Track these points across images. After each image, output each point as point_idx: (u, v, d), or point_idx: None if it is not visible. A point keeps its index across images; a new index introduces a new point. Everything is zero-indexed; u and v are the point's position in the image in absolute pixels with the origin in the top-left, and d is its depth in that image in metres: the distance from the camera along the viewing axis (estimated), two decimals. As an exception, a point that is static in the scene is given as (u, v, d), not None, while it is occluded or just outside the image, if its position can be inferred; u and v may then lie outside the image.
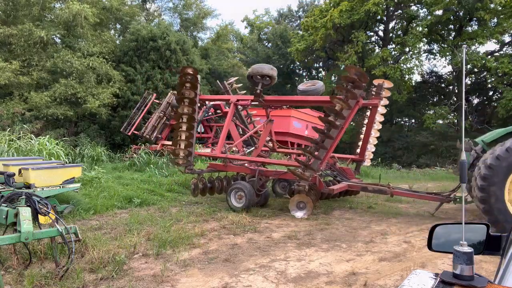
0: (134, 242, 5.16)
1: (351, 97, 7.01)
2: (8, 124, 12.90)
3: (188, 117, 8.16)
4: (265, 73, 8.39)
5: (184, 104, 8.18)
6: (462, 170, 1.55)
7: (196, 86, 8.22)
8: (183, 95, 8.16)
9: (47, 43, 16.54)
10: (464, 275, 1.23)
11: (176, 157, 8.28)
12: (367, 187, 8.20)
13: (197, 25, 27.79)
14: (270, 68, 8.45)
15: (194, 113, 8.28)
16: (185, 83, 8.14)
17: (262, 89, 8.55)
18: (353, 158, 10.12)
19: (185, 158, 8.22)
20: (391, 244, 5.72)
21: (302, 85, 9.53)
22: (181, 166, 8.46)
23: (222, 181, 9.02)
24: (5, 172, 5.51)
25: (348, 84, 7.02)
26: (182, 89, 8.18)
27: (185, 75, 8.14)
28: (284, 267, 4.56)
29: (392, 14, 25.36)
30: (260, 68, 8.46)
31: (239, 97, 9.54)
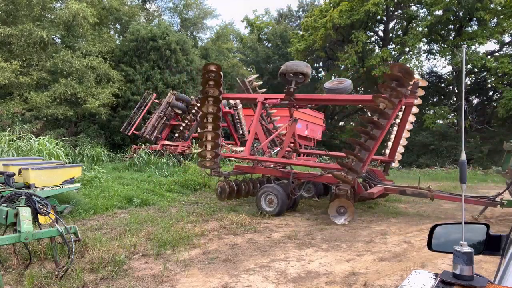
0: (134, 242, 5.16)
1: (395, 95, 6.73)
2: (8, 124, 12.90)
3: (214, 117, 7.81)
4: (300, 71, 7.95)
5: (208, 103, 7.81)
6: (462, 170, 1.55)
7: (220, 83, 7.88)
8: (207, 93, 7.80)
9: (47, 43, 16.54)
10: (464, 275, 1.23)
11: (203, 159, 7.93)
12: (405, 190, 7.69)
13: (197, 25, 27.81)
14: (305, 66, 8.04)
15: (219, 112, 7.92)
16: (209, 81, 7.78)
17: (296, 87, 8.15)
18: (383, 159, 9.77)
19: (212, 160, 7.89)
20: (391, 244, 5.72)
21: (329, 83, 9.19)
22: (208, 168, 8.11)
23: (248, 183, 8.56)
24: (5, 172, 5.51)
25: (392, 82, 6.76)
26: (205, 87, 7.82)
27: (208, 72, 7.80)
28: (284, 267, 4.56)
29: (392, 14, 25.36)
30: (295, 66, 8.03)
31: (267, 95, 9.08)
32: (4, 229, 4.50)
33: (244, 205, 8.51)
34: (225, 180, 8.23)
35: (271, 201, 7.59)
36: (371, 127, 6.84)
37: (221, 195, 8.10)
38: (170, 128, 16.77)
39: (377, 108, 6.77)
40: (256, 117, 8.79)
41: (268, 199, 7.62)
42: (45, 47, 16.58)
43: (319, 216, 7.67)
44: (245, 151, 8.55)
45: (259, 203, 7.68)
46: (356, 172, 6.91)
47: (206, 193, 9.99)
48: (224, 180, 8.24)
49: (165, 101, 16.02)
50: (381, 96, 6.76)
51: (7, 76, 14.51)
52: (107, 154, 14.52)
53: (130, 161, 13.42)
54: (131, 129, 15.81)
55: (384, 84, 6.93)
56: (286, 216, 7.57)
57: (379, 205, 9.18)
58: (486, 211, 8.33)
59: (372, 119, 6.79)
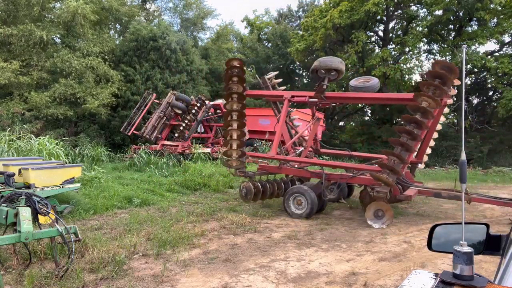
0: (134, 242, 5.17)
1: (438, 94, 6.50)
2: (8, 124, 12.90)
3: (238, 114, 7.59)
4: (335, 67, 7.59)
5: (232, 100, 7.60)
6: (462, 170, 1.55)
7: (244, 79, 7.68)
8: (231, 90, 7.58)
9: (47, 43, 16.54)
10: (464, 275, 1.23)
11: (229, 159, 7.73)
12: (440, 193, 7.34)
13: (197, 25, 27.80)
14: (340, 62, 7.72)
15: (244, 109, 7.69)
16: (232, 77, 7.57)
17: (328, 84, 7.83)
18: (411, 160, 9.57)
19: (238, 159, 7.70)
20: (391, 244, 5.72)
21: (355, 81, 8.83)
22: (234, 168, 7.91)
23: (273, 184, 8.27)
24: (5, 172, 5.51)
25: (435, 79, 6.57)
26: (229, 84, 7.61)
27: (231, 68, 7.57)
28: (284, 267, 4.56)
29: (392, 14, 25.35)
30: (330, 62, 7.67)
31: (294, 93, 8.75)
32: (4, 229, 4.50)
33: (244, 205, 8.51)
34: (251, 180, 7.95)
35: (299, 203, 7.32)
36: (414, 127, 6.61)
37: (246, 196, 7.83)
38: (170, 128, 16.77)
39: (420, 107, 6.52)
40: (282, 115, 8.45)
41: (297, 201, 7.35)
42: (45, 47, 16.58)
43: (319, 216, 7.67)
44: (272, 151, 8.20)
45: (286, 205, 7.41)
46: (398, 173, 6.70)
47: (206, 193, 9.99)
48: (249, 180, 7.96)
49: (165, 101, 16.03)
50: (425, 95, 6.52)
51: (7, 76, 14.51)
52: (107, 154, 14.51)
53: (130, 161, 13.42)
54: (131, 129, 15.82)
55: (428, 82, 6.69)
56: (286, 216, 7.57)
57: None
58: (486, 211, 8.34)
59: (415, 119, 6.54)
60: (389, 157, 6.83)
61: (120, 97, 18.37)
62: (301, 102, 8.52)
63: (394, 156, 6.72)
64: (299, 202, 7.32)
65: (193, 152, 14.58)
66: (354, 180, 7.65)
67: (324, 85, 7.74)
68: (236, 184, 10.99)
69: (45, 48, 16.66)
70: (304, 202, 7.24)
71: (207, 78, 24.12)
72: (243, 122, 7.68)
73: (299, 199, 7.34)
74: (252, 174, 8.23)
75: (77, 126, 17.78)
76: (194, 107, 15.88)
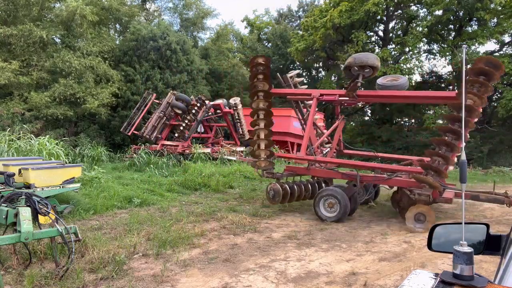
0: (134, 242, 5.17)
1: (483, 91, 6.30)
2: (8, 124, 12.89)
3: (266, 113, 7.37)
4: (371, 64, 7.20)
5: (258, 98, 7.39)
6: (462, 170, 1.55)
7: (269, 77, 7.51)
8: (256, 88, 7.38)
9: (47, 43, 16.53)
10: (464, 275, 1.23)
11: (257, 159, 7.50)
12: (478, 195, 6.96)
13: (197, 25, 27.78)
14: (375, 58, 7.41)
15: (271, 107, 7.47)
16: (257, 75, 7.39)
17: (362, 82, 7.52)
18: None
19: (267, 159, 7.47)
20: (391, 244, 5.72)
21: (382, 79, 8.56)
22: (263, 168, 7.64)
23: (300, 186, 7.98)
24: (5, 172, 5.50)
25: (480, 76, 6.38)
26: (254, 82, 7.42)
27: (256, 66, 7.39)
28: (284, 267, 4.56)
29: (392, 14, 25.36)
30: (365, 58, 7.34)
31: (323, 91, 8.40)
32: (4, 229, 4.50)
33: (244, 205, 8.51)
34: (278, 182, 7.67)
35: (331, 206, 7.07)
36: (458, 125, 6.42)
37: (274, 199, 7.56)
38: (170, 128, 16.77)
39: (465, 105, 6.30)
40: (311, 115, 8.10)
41: (328, 203, 7.09)
42: (44, 47, 16.57)
43: (319, 216, 7.66)
44: (301, 151, 7.89)
45: (317, 208, 7.16)
46: (442, 174, 6.44)
47: (206, 193, 9.98)
48: (277, 181, 7.68)
49: (165, 101, 16.02)
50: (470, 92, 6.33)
51: (7, 76, 14.50)
52: (107, 154, 14.51)
53: (130, 161, 13.42)
54: (131, 129, 15.81)
55: (472, 79, 6.49)
56: (286, 216, 7.57)
57: (379, 205, 9.17)
58: (486, 211, 8.33)
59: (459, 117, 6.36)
60: (433, 158, 6.53)
61: (120, 97, 18.36)
62: (330, 100, 8.16)
63: (439, 156, 6.45)
64: (331, 205, 7.08)
65: (193, 152, 14.58)
66: (389, 182, 7.32)
67: (358, 83, 7.38)
68: (236, 184, 11.00)
69: (45, 48, 16.66)
70: (336, 205, 6.99)
71: (207, 78, 24.13)
72: (270, 121, 7.45)
73: (330, 201, 7.08)
74: (280, 175, 7.95)
75: (77, 126, 17.78)
76: (194, 107, 15.88)
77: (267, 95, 7.42)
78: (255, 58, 7.54)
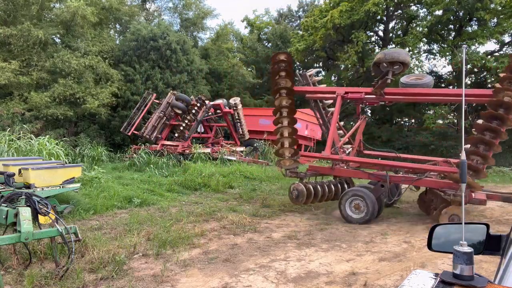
0: (134, 242, 5.17)
1: None
2: (8, 124, 12.89)
3: (289, 110, 7.22)
4: (402, 60, 6.94)
5: (281, 96, 7.25)
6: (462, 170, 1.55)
7: (292, 73, 7.36)
8: (279, 85, 7.25)
9: (46, 43, 16.53)
10: (464, 275, 1.23)
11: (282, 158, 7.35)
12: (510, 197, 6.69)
13: (197, 25, 27.77)
14: (406, 54, 7.17)
15: (293, 104, 7.32)
16: (279, 72, 7.25)
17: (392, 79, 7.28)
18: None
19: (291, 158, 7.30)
20: (391, 244, 5.72)
21: (406, 77, 8.35)
22: (287, 168, 7.48)
23: (323, 186, 7.80)
24: (5, 172, 5.51)
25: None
26: (276, 79, 7.29)
27: (278, 63, 7.26)
28: (284, 267, 4.56)
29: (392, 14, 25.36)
30: (396, 54, 7.06)
31: (348, 89, 8.14)
32: (4, 229, 4.50)
33: (244, 205, 8.51)
34: (302, 181, 7.49)
35: (357, 207, 6.88)
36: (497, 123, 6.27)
37: (298, 199, 7.39)
38: (170, 128, 16.77)
39: (503, 102, 6.20)
40: (335, 113, 7.88)
41: (354, 205, 6.90)
42: (44, 47, 16.57)
43: (319, 216, 7.67)
44: (326, 150, 7.59)
45: (343, 209, 6.99)
46: (481, 173, 6.27)
47: (206, 193, 9.98)
48: (301, 181, 7.50)
49: (165, 101, 16.02)
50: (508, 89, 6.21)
51: (6, 76, 14.50)
52: (107, 154, 14.52)
53: (130, 161, 13.42)
54: (131, 129, 15.82)
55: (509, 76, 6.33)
56: (286, 216, 7.57)
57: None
58: (486, 211, 8.33)
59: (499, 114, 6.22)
60: (471, 157, 6.35)
61: (120, 97, 18.36)
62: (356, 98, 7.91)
63: (477, 155, 6.27)
64: (357, 206, 6.88)
65: (193, 152, 14.57)
66: (419, 182, 7.08)
67: (388, 80, 7.14)
68: (236, 184, 10.99)
69: (45, 48, 16.65)
70: (364, 207, 6.81)
71: (207, 78, 24.13)
72: (294, 119, 7.32)
73: (357, 202, 6.88)
74: (304, 175, 7.77)
75: (77, 126, 17.77)
76: (194, 107, 15.88)
77: (290, 92, 7.26)
78: (277, 54, 7.39)
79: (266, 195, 9.64)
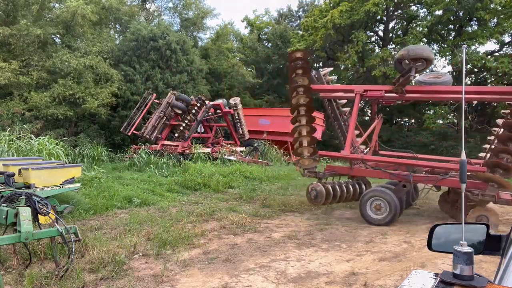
0: (134, 242, 5.17)
1: None
2: (8, 124, 12.89)
3: (307, 108, 7.11)
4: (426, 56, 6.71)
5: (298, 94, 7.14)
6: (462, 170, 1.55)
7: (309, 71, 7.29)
8: (296, 83, 7.14)
9: (46, 43, 16.52)
10: (464, 275, 1.24)
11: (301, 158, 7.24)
12: None
13: (197, 25, 27.77)
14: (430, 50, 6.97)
15: (311, 102, 7.19)
16: (296, 69, 7.15)
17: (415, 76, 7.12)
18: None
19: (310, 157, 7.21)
20: (391, 244, 5.72)
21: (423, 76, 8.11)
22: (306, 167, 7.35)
23: (341, 186, 7.63)
24: (5, 172, 5.51)
25: None
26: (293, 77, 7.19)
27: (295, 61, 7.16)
28: (284, 267, 4.56)
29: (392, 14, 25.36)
30: (421, 50, 6.83)
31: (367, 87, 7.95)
32: (4, 229, 4.50)
33: (244, 205, 8.51)
34: (320, 181, 7.35)
35: (378, 208, 6.75)
36: None
37: (317, 199, 7.24)
38: (170, 128, 16.77)
39: None
40: (354, 112, 7.72)
41: (375, 205, 6.77)
42: (44, 46, 16.57)
43: (319, 216, 7.67)
44: (345, 150, 7.41)
45: (363, 210, 6.88)
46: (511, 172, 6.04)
47: (206, 193, 9.98)
48: (319, 181, 7.37)
49: (165, 101, 16.02)
50: None
51: (6, 76, 14.50)
52: (107, 154, 14.52)
53: (130, 161, 13.42)
54: (131, 129, 15.82)
55: None
56: (286, 216, 7.57)
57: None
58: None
59: None
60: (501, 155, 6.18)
61: (120, 97, 18.36)
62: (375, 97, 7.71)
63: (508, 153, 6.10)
64: (378, 207, 6.76)
65: (193, 152, 14.58)
66: (443, 182, 6.86)
67: (411, 77, 6.92)
68: (236, 184, 10.99)
69: (45, 48, 16.65)
70: (385, 207, 6.69)
71: (207, 78, 24.13)
72: (312, 117, 7.21)
73: (378, 203, 6.76)
74: (323, 175, 7.63)
75: (77, 126, 17.77)
76: (194, 107, 15.88)
77: (307, 89, 7.16)
78: (293, 52, 7.31)
79: (266, 195, 9.64)
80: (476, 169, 6.68)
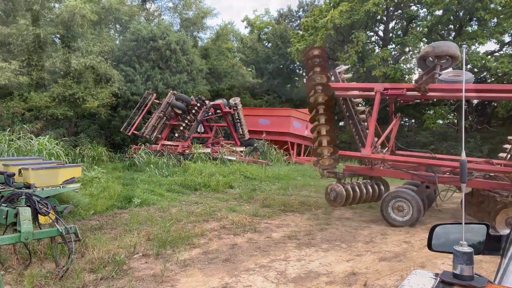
0: (134, 242, 5.17)
1: None
2: (8, 124, 12.90)
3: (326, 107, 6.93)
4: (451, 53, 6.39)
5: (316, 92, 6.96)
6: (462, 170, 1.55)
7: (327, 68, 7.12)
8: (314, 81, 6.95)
9: (46, 43, 16.52)
10: (464, 275, 1.24)
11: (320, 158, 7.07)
12: None
13: (197, 25, 27.77)
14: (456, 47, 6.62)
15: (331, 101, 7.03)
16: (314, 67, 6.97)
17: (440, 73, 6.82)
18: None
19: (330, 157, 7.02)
20: (391, 244, 5.72)
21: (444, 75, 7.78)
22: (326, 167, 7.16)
23: (360, 187, 7.44)
24: (5, 172, 5.50)
25: None
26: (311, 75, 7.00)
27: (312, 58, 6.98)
28: (284, 267, 4.56)
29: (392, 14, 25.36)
30: (446, 47, 6.51)
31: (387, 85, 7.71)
32: (4, 229, 4.49)
33: (244, 205, 8.51)
34: (340, 182, 7.17)
35: (401, 209, 6.61)
36: None
37: (336, 201, 7.03)
38: (170, 128, 16.77)
39: None
40: (374, 111, 7.55)
41: (397, 207, 6.63)
42: (44, 46, 16.56)
43: (319, 216, 7.66)
44: (366, 149, 7.19)
45: (385, 211, 6.75)
46: None
47: (206, 193, 9.98)
48: (338, 182, 7.20)
49: (165, 101, 16.02)
50: None
51: (6, 76, 14.49)
52: (107, 154, 14.52)
53: (130, 161, 13.42)
54: (131, 129, 15.82)
55: None
56: (286, 216, 7.57)
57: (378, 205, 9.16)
58: (486, 211, 8.31)
59: None
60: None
61: (120, 97, 18.35)
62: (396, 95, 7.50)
63: None
64: (400, 208, 6.62)
65: (193, 152, 14.58)
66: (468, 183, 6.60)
67: (436, 75, 6.63)
68: (236, 184, 10.99)
69: (45, 48, 16.65)
70: (408, 209, 6.56)
71: (207, 78, 24.12)
72: (331, 116, 7.06)
73: (400, 204, 6.62)
74: (342, 175, 7.44)
75: (77, 126, 17.77)
76: (194, 107, 15.88)
77: (326, 88, 6.99)
78: (310, 50, 7.12)
79: (266, 195, 9.63)
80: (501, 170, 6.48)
